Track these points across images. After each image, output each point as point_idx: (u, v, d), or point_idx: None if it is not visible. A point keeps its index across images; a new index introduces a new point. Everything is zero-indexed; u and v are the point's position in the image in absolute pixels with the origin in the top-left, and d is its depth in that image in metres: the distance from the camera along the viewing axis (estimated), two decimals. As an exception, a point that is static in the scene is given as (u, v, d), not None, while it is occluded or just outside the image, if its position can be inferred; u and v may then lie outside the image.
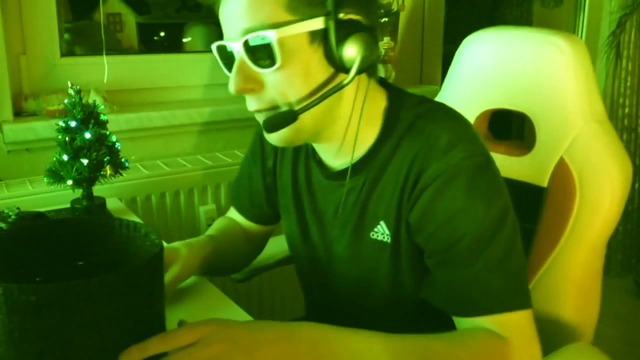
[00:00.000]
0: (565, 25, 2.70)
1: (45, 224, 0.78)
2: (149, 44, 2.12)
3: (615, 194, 1.00)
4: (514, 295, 0.78)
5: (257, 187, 1.08)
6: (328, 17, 0.75)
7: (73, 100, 1.19)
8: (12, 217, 1.11)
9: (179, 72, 1.80)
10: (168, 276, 0.89)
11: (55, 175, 1.20)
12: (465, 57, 1.23)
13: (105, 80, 1.63)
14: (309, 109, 0.78)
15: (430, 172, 0.79)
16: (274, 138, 0.83)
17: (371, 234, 0.88)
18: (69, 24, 1.78)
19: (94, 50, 1.72)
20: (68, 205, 1.29)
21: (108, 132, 1.23)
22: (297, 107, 0.78)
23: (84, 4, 1.83)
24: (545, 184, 1.08)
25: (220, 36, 0.82)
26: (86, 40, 1.82)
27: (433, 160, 0.79)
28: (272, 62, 0.75)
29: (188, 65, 1.82)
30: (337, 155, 0.89)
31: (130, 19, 1.99)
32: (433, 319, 0.85)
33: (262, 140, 1.05)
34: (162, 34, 2.14)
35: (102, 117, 1.22)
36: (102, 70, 1.63)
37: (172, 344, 0.63)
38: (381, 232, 0.87)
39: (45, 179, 1.21)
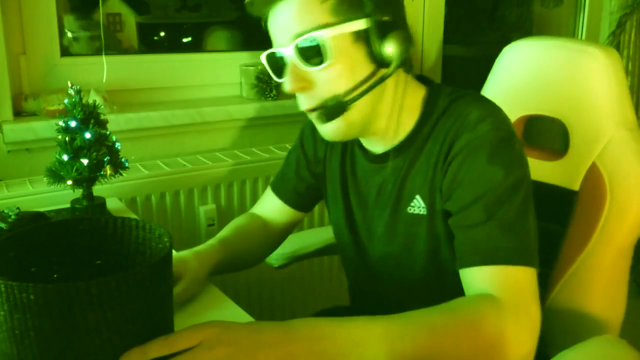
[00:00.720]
0: (565, 25, 2.70)
1: (65, 222, 0.78)
2: (149, 44, 2.12)
3: None
4: (519, 252, 0.81)
5: (304, 172, 1.16)
6: (369, 19, 0.84)
7: (73, 100, 1.19)
8: (12, 217, 1.11)
9: (179, 72, 1.80)
10: (176, 290, 0.90)
11: (55, 175, 1.20)
12: (504, 65, 1.28)
13: (104, 80, 1.63)
14: (356, 99, 0.87)
15: (460, 143, 0.87)
16: (329, 133, 0.92)
17: (408, 208, 0.95)
18: (69, 24, 1.78)
19: (94, 50, 1.72)
20: (68, 205, 1.29)
21: (108, 132, 1.23)
22: (345, 99, 0.87)
23: (84, 4, 1.83)
24: (577, 187, 1.14)
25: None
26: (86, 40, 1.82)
27: (463, 133, 0.87)
28: (322, 60, 0.84)
29: (188, 65, 1.82)
30: (379, 142, 0.98)
31: (130, 19, 1.99)
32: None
33: (314, 130, 1.12)
34: (162, 34, 2.14)
35: (102, 117, 1.22)
36: (102, 70, 1.63)
37: (174, 347, 0.63)
38: (417, 205, 0.94)
39: (45, 179, 1.21)
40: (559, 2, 2.59)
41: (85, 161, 1.18)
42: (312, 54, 0.84)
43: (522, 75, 1.25)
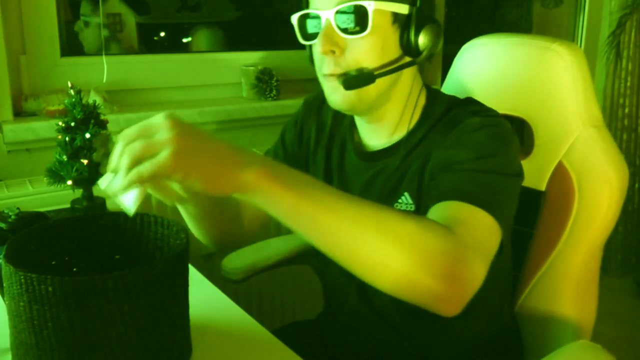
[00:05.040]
0: (565, 25, 2.70)
1: (85, 217, 0.81)
2: (149, 44, 2.12)
3: (613, 197, 1.02)
4: (488, 198, 0.78)
5: (293, 149, 1.12)
6: (413, 7, 0.88)
7: (73, 100, 1.19)
8: (12, 217, 1.11)
9: (179, 72, 1.80)
10: None
11: (55, 175, 1.20)
12: (464, 63, 1.24)
13: (104, 80, 1.63)
14: (385, 74, 0.88)
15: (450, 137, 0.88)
16: (339, 100, 0.91)
17: (395, 205, 0.94)
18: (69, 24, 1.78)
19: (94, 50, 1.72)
20: (68, 206, 1.29)
21: (108, 132, 1.23)
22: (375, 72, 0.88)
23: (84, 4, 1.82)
24: (543, 187, 1.10)
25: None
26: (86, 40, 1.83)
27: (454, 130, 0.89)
28: (361, 30, 0.86)
29: (188, 65, 1.82)
30: (378, 133, 0.98)
31: (130, 19, 1.99)
32: None
33: (304, 118, 1.11)
34: (162, 34, 2.14)
35: (102, 117, 1.22)
36: (102, 70, 1.63)
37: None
38: (405, 202, 0.93)
39: (45, 179, 1.21)
40: (559, 2, 2.59)
41: (85, 161, 1.18)
42: (351, 22, 0.86)
43: (483, 74, 1.21)
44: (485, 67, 1.20)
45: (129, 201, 0.63)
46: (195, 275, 1.02)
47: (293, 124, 1.13)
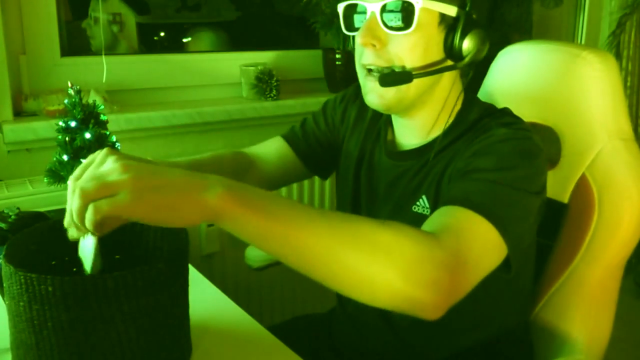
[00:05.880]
0: (565, 25, 2.70)
1: None
2: (149, 44, 2.12)
3: (634, 214, 0.99)
4: (496, 210, 0.75)
5: (334, 122, 1.13)
6: (462, 10, 0.86)
7: (73, 100, 1.19)
8: (12, 217, 1.11)
9: (179, 72, 1.80)
10: None
11: (55, 175, 1.20)
12: (499, 70, 1.22)
13: (104, 80, 1.63)
14: (423, 76, 0.86)
15: (474, 147, 0.86)
16: (375, 98, 0.90)
17: (413, 207, 0.94)
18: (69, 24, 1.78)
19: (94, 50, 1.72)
20: (68, 205, 1.29)
21: (108, 132, 1.23)
22: (413, 72, 0.86)
23: (83, 4, 1.83)
24: (566, 200, 1.07)
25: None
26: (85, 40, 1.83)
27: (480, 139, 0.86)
28: (405, 27, 0.85)
29: (188, 65, 1.82)
30: (409, 134, 0.98)
31: (130, 19, 1.99)
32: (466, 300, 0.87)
33: (350, 98, 1.12)
34: (162, 34, 2.14)
35: (102, 117, 1.23)
36: (101, 70, 1.63)
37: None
38: (422, 205, 0.94)
39: (45, 179, 1.21)
40: (559, 2, 2.59)
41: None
42: (396, 19, 0.85)
43: (516, 80, 1.19)
44: (520, 74, 1.18)
45: (88, 254, 0.63)
46: (195, 275, 1.02)
47: (340, 99, 1.13)
